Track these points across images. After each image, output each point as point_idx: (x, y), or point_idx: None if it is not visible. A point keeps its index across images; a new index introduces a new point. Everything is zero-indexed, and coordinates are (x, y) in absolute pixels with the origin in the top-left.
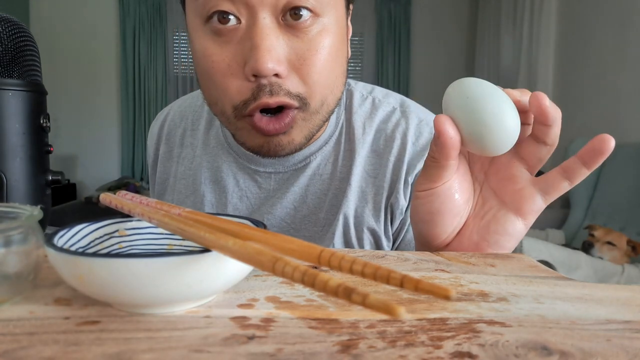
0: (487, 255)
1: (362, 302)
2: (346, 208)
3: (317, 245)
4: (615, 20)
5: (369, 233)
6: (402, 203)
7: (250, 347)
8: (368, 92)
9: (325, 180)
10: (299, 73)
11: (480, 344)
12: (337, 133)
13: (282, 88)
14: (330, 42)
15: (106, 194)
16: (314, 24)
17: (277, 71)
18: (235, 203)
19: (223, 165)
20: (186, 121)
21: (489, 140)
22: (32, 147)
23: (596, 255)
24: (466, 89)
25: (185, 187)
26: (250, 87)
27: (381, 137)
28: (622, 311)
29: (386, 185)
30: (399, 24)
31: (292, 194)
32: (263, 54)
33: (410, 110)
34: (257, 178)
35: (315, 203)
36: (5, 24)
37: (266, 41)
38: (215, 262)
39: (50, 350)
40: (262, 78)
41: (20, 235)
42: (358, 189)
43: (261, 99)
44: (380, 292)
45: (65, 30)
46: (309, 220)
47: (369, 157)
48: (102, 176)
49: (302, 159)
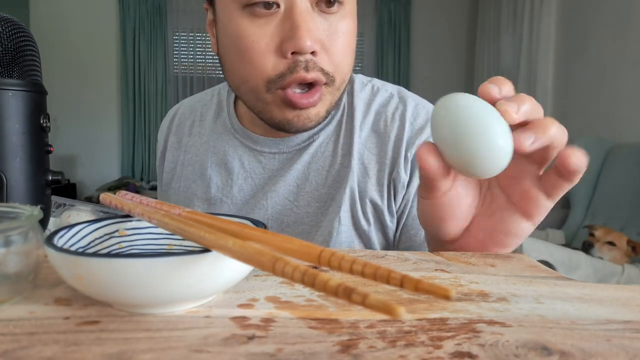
0: (487, 255)
1: (362, 302)
2: (351, 182)
3: (317, 245)
4: (615, 20)
5: (372, 207)
6: (403, 177)
7: (250, 347)
8: (368, 80)
9: (328, 158)
10: (328, 52)
11: (480, 344)
12: (339, 114)
13: (316, 65)
14: (350, 27)
15: (106, 194)
16: (339, 10)
17: (314, 49)
18: (240, 184)
19: (229, 149)
20: (195, 114)
21: (477, 164)
22: (32, 147)
23: (596, 255)
24: (452, 108)
25: (192, 173)
26: (287, 62)
27: (381, 119)
28: (622, 311)
29: (388, 162)
30: (399, 24)
31: (295, 171)
32: (303, 33)
33: (407, 96)
34: (261, 159)
35: (317, 180)
36: (5, 24)
37: (307, 22)
38: (215, 262)
39: (50, 350)
40: (300, 55)
41: (20, 235)
42: (360, 164)
43: (298, 72)
44: (380, 292)
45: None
46: (312, 196)
47: (370, 136)
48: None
49: (305, 139)
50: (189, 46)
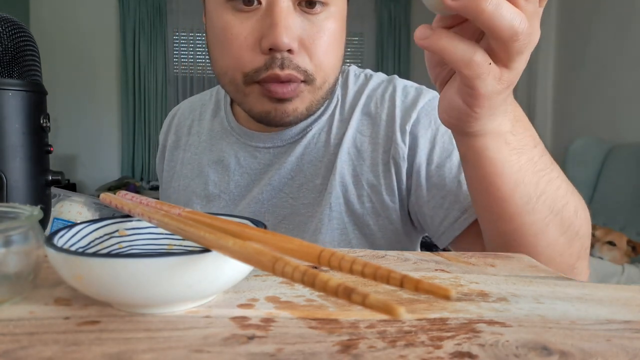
0: (487, 255)
1: (362, 302)
2: (341, 169)
3: (317, 245)
4: (615, 20)
5: (369, 189)
6: (402, 150)
7: (250, 347)
8: (360, 71)
9: (320, 149)
10: (308, 52)
11: (480, 344)
12: (332, 106)
13: (292, 62)
14: (335, 28)
15: (106, 194)
16: (323, 11)
17: (290, 47)
18: (237, 180)
19: (226, 146)
20: (194, 113)
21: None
22: (32, 147)
23: (596, 255)
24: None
25: (191, 171)
26: (264, 58)
27: (372, 101)
28: (622, 311)
29: (381, 141)
30: (399, 24)
31: (288, 164)
32: (281, 30)
33: (396, 80)
34: (256, 154)
35: (311, 170)
36: (5, 24)
37: (285, 20)
38: (215, 262)
39: (50, 350)
40: (277, 52)
41: (20, 235)
42: (354, 149)
43: (273, 69)
44: (380, 292)
45: (65, 30)
46: (307, 187)
47: (361, 120)
48: (102, 176)
49: (299, 132)
50: (189, 46)
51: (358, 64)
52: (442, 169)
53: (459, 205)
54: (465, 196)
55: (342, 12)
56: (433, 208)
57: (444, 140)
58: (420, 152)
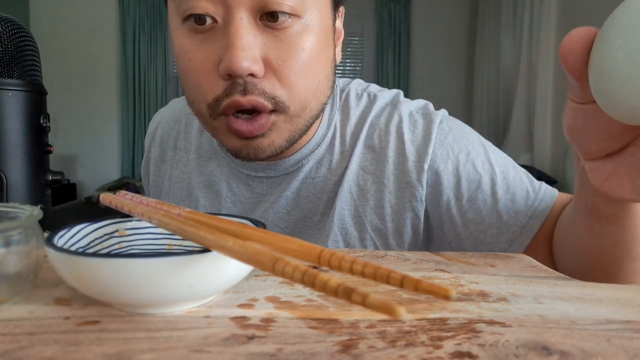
0: (487, 255)
1: (362, 302)
2: (341, 209)
3: (317, 245)
4: None
5: (373, 232)
6: (420, 191)
7: (250, 347)
8: (363, 89)
9: (319, 184)
10: (277, 74)
11: (480, 344)
12: (330, 135)
13: (257, 87)
14: (312, 44)
15: (106, 194)
16: (294, 24)
17: (251, 70)
18: (228, 207)
19: (216, 170)
20: (179, 124)
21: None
22: (32, 147)
23: None
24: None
25: (180, 191)
26: (224, 84)
27: (375, 132)
28: (622, 311)
29: (388, 183)
30: (399, 24)
31: (284, 198)
32: (237, 52)
33: (400, 103)
34: (249, 182)
35: (309, 207)
36: (5, 24)
37: (241, 40)
38: (215, 262)
39: (50, 350)
40: (237, 77)
41: (20, 235)
42: (356, 187)
43: (234, 96)
44: (380, 292)
45: (65, 30)
46: (304, 223)
47: (364, 153)
48: (102, 176)
49: (293, 163)
50: None
51: (358, 64)
52: (476, 202)
53: (503, 237)
54: (508, 227)
55: (322, 23)
56: (474, 243)
57: (468, 171)
58: (446, 189)
